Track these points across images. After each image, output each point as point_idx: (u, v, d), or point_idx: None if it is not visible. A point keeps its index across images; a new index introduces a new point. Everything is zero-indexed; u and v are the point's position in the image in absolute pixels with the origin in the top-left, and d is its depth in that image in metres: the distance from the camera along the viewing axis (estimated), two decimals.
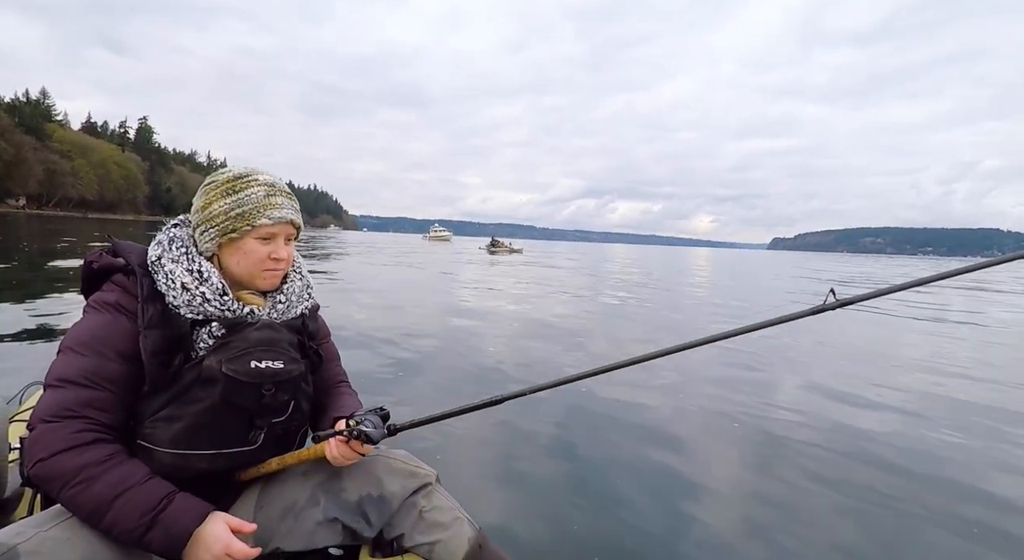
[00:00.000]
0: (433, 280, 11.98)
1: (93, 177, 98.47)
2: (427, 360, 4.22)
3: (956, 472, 2.52)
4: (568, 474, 2.32)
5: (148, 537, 0.89)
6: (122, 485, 0.90)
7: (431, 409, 1.12)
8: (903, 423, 3.20)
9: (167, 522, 0.90)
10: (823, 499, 2.19)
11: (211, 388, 1.01)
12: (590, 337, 5.63)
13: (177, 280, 1.02)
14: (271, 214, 1.07)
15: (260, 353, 1.05)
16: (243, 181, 1.08)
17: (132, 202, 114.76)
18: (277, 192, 1.09)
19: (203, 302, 1.02)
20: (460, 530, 1.08)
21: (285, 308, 1.15)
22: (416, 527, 1.09)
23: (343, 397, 1.27)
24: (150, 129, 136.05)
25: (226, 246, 1.08)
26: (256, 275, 1.10)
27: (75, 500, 0.88)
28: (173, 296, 1.02)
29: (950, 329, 7.56)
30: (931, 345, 6.15)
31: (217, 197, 1.07)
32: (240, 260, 1.08)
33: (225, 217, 1.06)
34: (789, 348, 5.42)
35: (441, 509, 1.11)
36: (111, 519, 0.88)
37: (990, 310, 10.61)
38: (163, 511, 0.90)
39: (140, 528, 0.88)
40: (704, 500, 2.14)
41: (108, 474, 0.90)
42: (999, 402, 3.78)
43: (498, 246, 39.98)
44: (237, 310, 1.06)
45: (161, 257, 1.05)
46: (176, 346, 1.01)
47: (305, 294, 1.22)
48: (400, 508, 1.10)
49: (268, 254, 1.09)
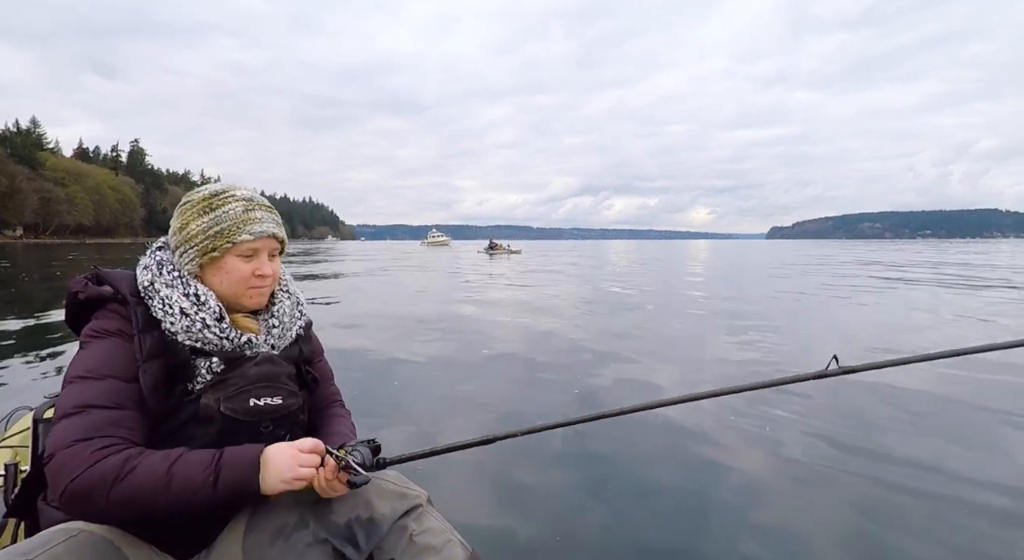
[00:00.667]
0: (447, 291, 11.85)
1: (88, 202, 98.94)
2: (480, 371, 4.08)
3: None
4: (564, 488, 2.27)
5: (220, 483, 0.89)
6: (169, 458, 0.90)
7: (430, 425, 1.06)
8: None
9: (232, 462, 0.91)
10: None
11: (208, 427, 0.99)
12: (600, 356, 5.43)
13: (175, 306, 1.00)
14: (251, 229, 1.04)
15: (259, 390, 1.04)
16: (220, 198, 1.06)
17: (129, 225, 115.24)
18: (256, 206, 1.07)
19: (203, 328, 1.00)
20: (452, 554, 1.04)
21: (280, 332, 1.13)
22: (407, 551, 1.04)
23: (335, 421, 1.24)
24: (142, 151, 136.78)
25: (208, 267, 1.06)
26: (241, 294, 1.07)
27: (130, 488, 0.86)
28: (171, 322, 0.99)
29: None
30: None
31: (194, 216, 1.05)
32: (223, 280, 1.06)
33: (204, 236, 1.03)
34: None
35: (432, 532, 1.07)
36: (177, 484, 0.87)
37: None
38: (221, 458, 0.91)
39: (209, 478, 0.89)
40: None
41: (151, 455, 0.90)
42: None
43: (496, 248, 41.33)
44: (235, 339, 1.04)
45: (154, 283, 1.02)
46: (176, 376, 0.99)
47: (296, 312, 1.19)
48: (390, 531, 1.07)
49: (252, 271, 1.07)
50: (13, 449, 1.50)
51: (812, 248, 62.44)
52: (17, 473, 1.23)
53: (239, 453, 0.93)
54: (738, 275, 16.75)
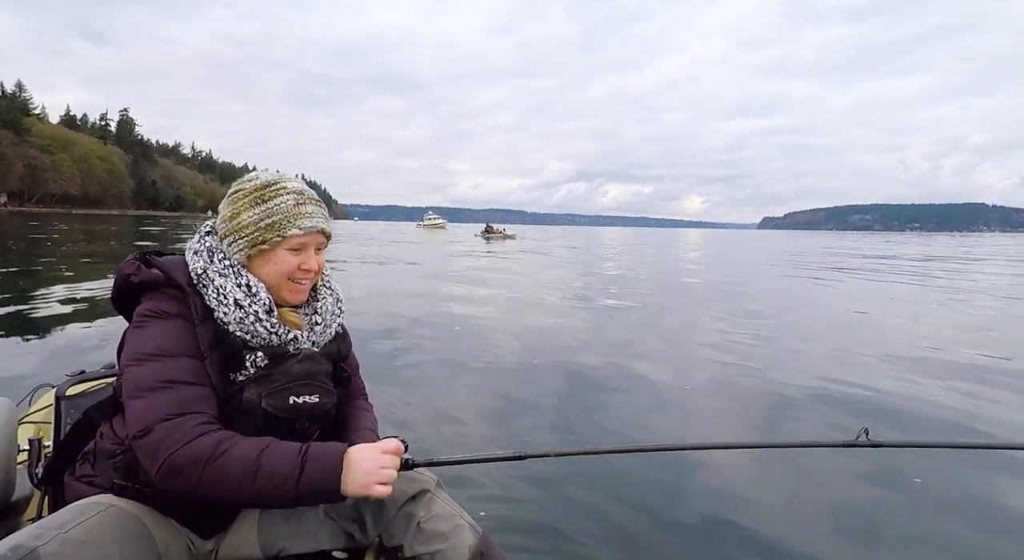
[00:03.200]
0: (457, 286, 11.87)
1: (76, 172, 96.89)
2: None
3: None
4: (569, 469, 2.28)
5: (305, 475, 0.90)
6: (259, 445, 0.91)
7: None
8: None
9: (317, 457, 0.91)
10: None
11: (248, 421, 0.99)
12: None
13: (230, 296, 1.00)
14: (301, 224, 1.04)
15: (299, 388, 1.04)
16: (271, 189, 1.05)
17: (117, 196, 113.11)
18: (307, 200, 1.07)
19: (255, 321, 1.01)
20: (460, 539, 1.05)
21: (322, 329, 1.14)
22: (416, 538, 1.06)
23: (359, 414, 1.24)
24: (132, 121, 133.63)
25: (256, 257, 1.06)
26: (284, 287, 1.07)
27: (222, 470, 0.87)
28: (224, 313, 1.00)
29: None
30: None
31: (245, 207, 1.04)
32: (270, 271, 1.06)
33: (255, 228, 1.03)
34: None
35: (441, 517, 1.08)
36: (265, 473, 0.88)
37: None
38: (308, 451, 0.92)
39: (296, 470, 0.89)
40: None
41: (242, 441, 0.91)
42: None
43: (492, 232, 42.80)
44: (282, 334, 1.05)
45: (207, 270, 1.02)
46: (229, 367, 1.00)
47: (337, 310, 1.19)
48: (397, 516, 1.08)
49: (298, 265, 1.06)
50: (36, 425, 1.56)
51: (802, 239, 62.82)
52: (41, 448, 1.26)
53: (323, 450, 0.93)
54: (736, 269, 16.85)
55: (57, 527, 0.85)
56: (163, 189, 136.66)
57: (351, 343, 1.29)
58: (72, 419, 1.25)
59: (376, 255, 17.09)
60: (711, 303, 8.21)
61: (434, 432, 2.80)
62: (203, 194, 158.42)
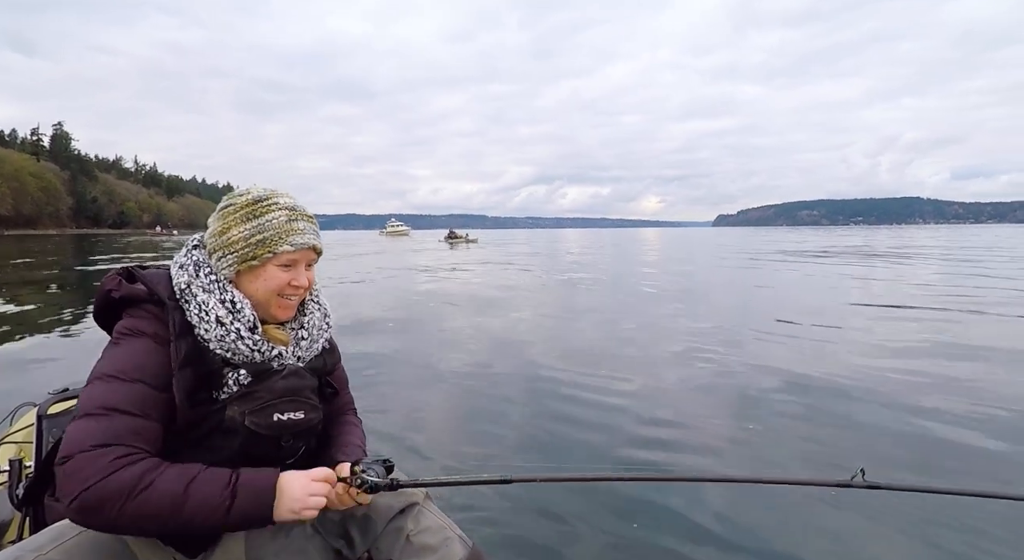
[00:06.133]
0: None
1: (6, 190, 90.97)
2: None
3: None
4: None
5: (235, 506, 0.88)
6: (186, 475, 0.87)
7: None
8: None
9: (249, 485, 0.90)
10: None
11: (231, 439, 0.97)
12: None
13: (211, 313, 0.97)
14: (293, 240, 1.03)
15: (284, 405, 1.02)
16: (263, 205, 1.03)
17: (54, 215, 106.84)
18: (299, 217, 1.05)
19: (236, 339, 0.98)
20: (450, 552, 1.03)
21: (308, 345, 1.11)
22: (405, 551, 1.04)
23: (347, 429, 1.22)
24: (67, 136, 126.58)
25: (245, 273, 1.04)
26: (272, 302, 1.05)
27: (146, 505, 0.83)
28: (204, 330, 0.97)
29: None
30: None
31: (236, 222, 1.02)
32: (259, 287, 1.04)
33: (245, 244, 1.01)
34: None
35: (430, 530, 1.06)
36: (192, 506, 0.85)
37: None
38: (238, 479, 0.90)
39: (225, 500, 0.87)
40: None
41: (168, 471, 0.87)
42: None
43: (456, 238, 45.18)
44: (266, 352, 1.02)
45: (191, 285, 0.99)
46: (204, 384, 0.97)
47: (324, 325, 1.16)
48: (385, 530, 1.06)
49: (288, 281, 1.05)
50: (17, 445, 1.50)
51: (753, 235, 65.20)
52: (22, 469, 1.23)
53: (255, 479, 0.91)
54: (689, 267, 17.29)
55: (35, 549, 0.85)
56: (105, 205, 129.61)
57: (339, 357, 1.26)
58: (55, 438, 1.22)
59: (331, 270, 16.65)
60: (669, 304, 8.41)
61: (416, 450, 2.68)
62: (149, 209, 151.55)
